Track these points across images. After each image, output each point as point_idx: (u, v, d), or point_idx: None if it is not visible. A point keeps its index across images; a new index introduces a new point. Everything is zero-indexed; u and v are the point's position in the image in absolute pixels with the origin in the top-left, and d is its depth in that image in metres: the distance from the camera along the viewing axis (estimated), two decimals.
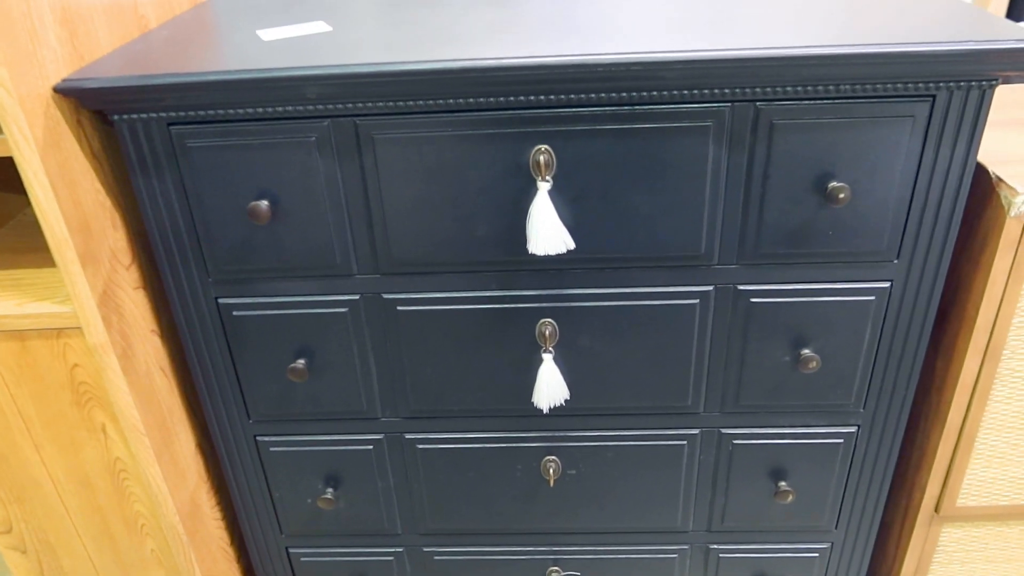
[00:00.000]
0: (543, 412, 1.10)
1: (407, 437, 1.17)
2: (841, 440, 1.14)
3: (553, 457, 1.17)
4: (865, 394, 1.10)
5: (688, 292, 1.03)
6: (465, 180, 0.95)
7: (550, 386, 1.07)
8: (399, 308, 1.05)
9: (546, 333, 1.05)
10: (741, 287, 1.02)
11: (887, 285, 1.01)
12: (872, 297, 1.02)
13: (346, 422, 1.16)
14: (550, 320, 1.05)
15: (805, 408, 1.12)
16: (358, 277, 1.03)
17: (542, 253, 0.94)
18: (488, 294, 1.04)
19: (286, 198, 0.97)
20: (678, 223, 0.97)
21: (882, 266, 1.00)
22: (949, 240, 0.98)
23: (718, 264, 1.01)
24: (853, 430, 1.14)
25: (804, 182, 0.94)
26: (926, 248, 0.99)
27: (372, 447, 1.18)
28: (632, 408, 1.12)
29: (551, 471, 1.17)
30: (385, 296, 1.04)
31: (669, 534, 1.26)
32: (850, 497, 1.20)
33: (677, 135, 0.92)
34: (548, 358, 1.06)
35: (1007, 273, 0.99)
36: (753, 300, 1.03)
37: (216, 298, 1.05)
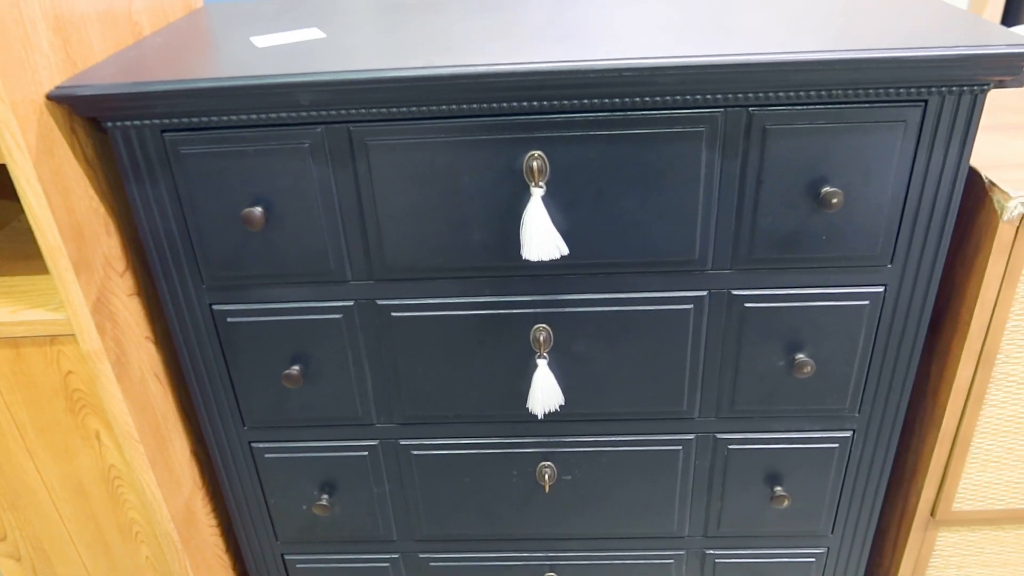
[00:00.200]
0: (538, 418, 1.10)
1: (402, 443, 1.17)
2: (836, 445, 1.14)
3: (548, 463, 1.17)
4: (860, 399, 1.10)
5: (682, 297, 1.03)
6: (459, 186, 0.95)
7: (545, 392, 1.06)
8: (393, 314, 1.05)
9: (540, 339, 1.05)
10: (735, 292, 1.02)
11: (881, 290, 1.01)
12: (866, 302, 1.02)
13: (341, 428, 1.16)
14: (544, 326, 1.05)
15: (800, 413, 1.12)
16: (352, 283, 1.03)
17: (536, 259, 0.94)
18: (482, 300, 1.04)
19: (280, 204, 0.97)
20: (672, 228, 0.97)
21: (876, 271, 1.00)
22: (942, 245, 0.98)
23: (712, 269, 1.01)
24: (848, 435, 1.14)
25: (797, 187, 0.94)
26: (919, 253, 0.99)
27: (367, 453, 1.18)
28: (627, 413, 1.12)
29: (547, 477, 1.17)
30: (379, 302, 1.04)
31: (665, 539, 1.26)
32: (846, 502, 1.20)
33: (670, 140, 0.92)
34: (543, 364, 1.06)
35: (1000, 277, 0.99)
36: (747, 305, 1.03)
37: (210, 304, 1.05)
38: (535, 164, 0.92)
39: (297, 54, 0.96)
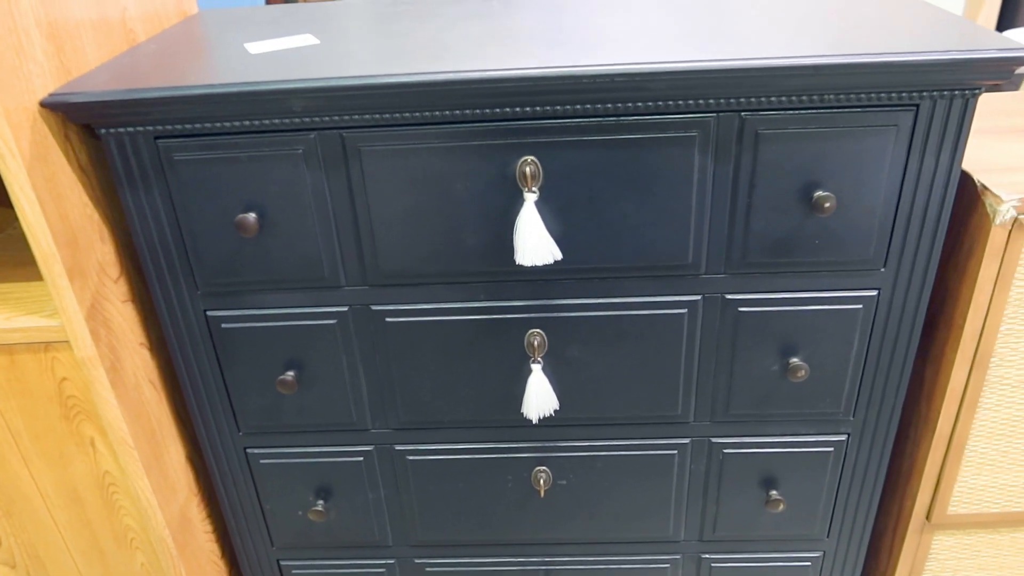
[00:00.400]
0: (533, 423, 1.10)
1: (397, 448, 1.17)
2: (831, 448, 1.14)
3: (544, 467, 1.17)
4: (854, 402, 1.10)
5: (676, 302, 1.03)
6: (452, 192, 0.95)
7: (539, 396, 1.07)
8: (387, 319, 1.05)
9: (535, 343, 1.05)
10: (729, 296, 1.02)
11: (874, 293, 1.02)
12: (860, 306, 1.02)
13: (336, 434, 1.16)
14: (539, 330, 1.05)
15: (795, 417, 1.12)
16: (346, 289, 1.03)
17: (529, 264, 0.94)
18: (476, 305, 1.04)
19: (273, 210, 0.97)
20: (665, 233, 0.98)
21: (869, 274, 1.01)
22: (935, 248, 0.98)
23: (706, 274, 1.01)
24: (843, 438, 1.14)
25: (790, 191, 0.94)
26: (912, 256, 0.99)
27: (362, 459, 1.18)
28: (622, 418, 1.12)
29: (542, 481, 1.17)
30: (373, 308, 1.04)
31: (661, 544, 1.26)
32: (841, 505, 1.20)
33: (663, 145, 0.92)
34: (537, 368, 1.06)
35: (993, 281, 0.99)
36: (741, 309, 1.03)
37: (204, 310, 1.05)
38: (528, 169, 0.92)
39: (291, 61, 0.97)
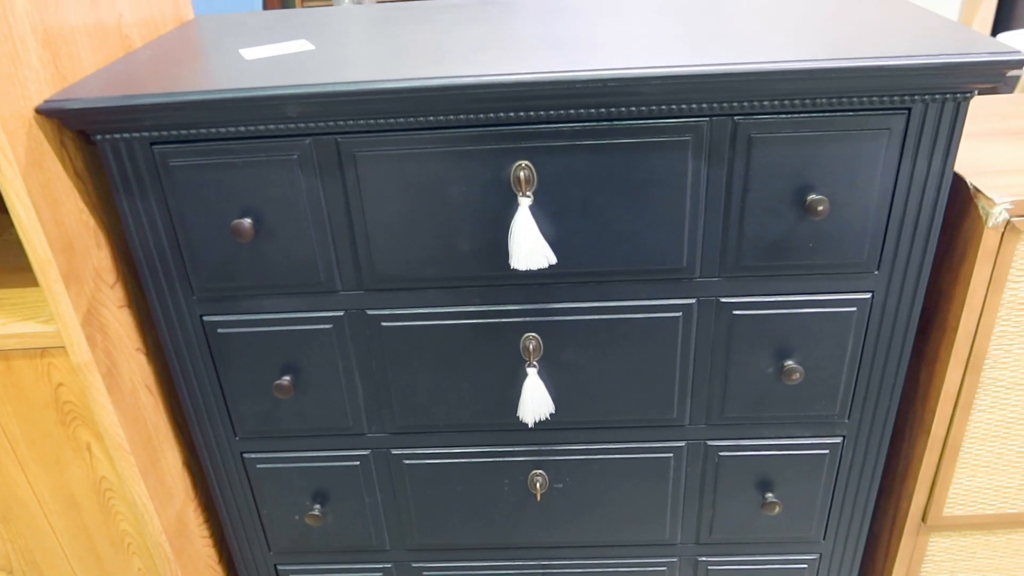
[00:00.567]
0: (529, 426, 1.10)
1: (393, 453, 1.17)
2: (827, 451, 1.14)
3: (540, 471, 1.18)
4: (849, 405, 1.11)
5: (671, 305, 1.03)
6: (447, 196, 0.96)
7: (535, 400, 1.07)
8: (383, 324, 1.05)
9: (530, 347, 1.05)
10: (723, 300, 1.03)
11: (868, 296, 1.02)
12: (854, 308, 1.02)
13: (332, 438, 1.16)
14: (534, 334, 1.05)
15: (790, 419, 1.12)
16: (342, 293, 1.04)
17: (524, 268, 0.95)
18: (472, 309, 1.04)
19: (269, 216, 0.97)
20: (659, 237, 0.98)
21: (863, 277, 1.01)
22: (929, 251, 0.99)
23: (700, 277, 1.01)
24: (838, 441, 1.14)
25: (783, 195, 0.95)
26: (906, 259, 0.99)
27: (359, 463, 1.18)
28: (617, 421, 1.13)
29: (538, 485, 1.17)
30: (369, 312, 1.05)
31: (657, 547, 1.26)
32: (837, 508, 1.20)
33: (656, 150, 0.92)
34: (532, 372, 1.06)
35: (987, 283, 0.99)
36: (735, 312, 1.03)
37: (201, 316, 1.06)
38: (522, 174, 0.93)
39: (286, 66, 0.97)
